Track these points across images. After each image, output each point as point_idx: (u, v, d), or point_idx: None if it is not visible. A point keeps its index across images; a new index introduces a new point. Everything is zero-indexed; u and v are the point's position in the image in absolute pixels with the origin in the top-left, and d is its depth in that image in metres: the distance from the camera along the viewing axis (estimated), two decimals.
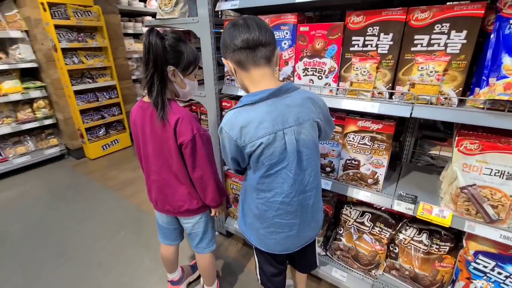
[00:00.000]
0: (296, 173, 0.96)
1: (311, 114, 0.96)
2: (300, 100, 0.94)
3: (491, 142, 1.08)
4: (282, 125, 0.90)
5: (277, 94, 0.91)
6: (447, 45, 1.08)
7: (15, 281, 1.78)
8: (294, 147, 0.93)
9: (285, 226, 1.04)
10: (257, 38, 0.88)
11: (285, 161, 0.94)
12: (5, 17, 2.99)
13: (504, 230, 1.11)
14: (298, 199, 1.01)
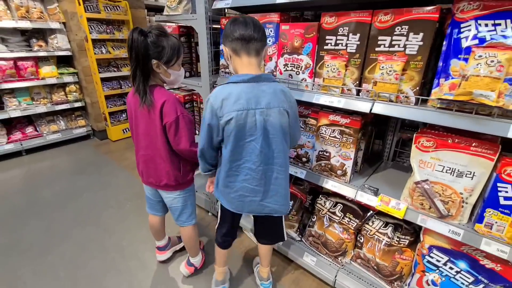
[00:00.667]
0: (262, 145, 1.15)
1: (281, 103, 1.14)
2: (274, 90, 1.13)
3: (444, 141, 1.14)
4: (255, 105, 1.10)
5: (256, 80, 1.12)
6: (406, 46, 1.15)
7: (37, 237, 2.11)
8: (262, 125, 1.11)
9: (252, 191, 1.23)
10: (251, 34, 1.11)
11: (254, 135, 1.13)
12: (47, 10, 3.40)
13: (453, 225, 1.17)
14: (263, 169, 1.19)
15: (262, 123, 1.11)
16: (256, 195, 1.24)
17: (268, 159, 1.18)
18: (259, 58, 1.16)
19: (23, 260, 1.88)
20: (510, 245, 1.05)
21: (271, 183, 1.23)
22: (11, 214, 2.36)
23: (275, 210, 1.28)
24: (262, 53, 1.17)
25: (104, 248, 1.99)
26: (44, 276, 1.76)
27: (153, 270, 1.83)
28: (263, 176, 1.20)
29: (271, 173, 1.21)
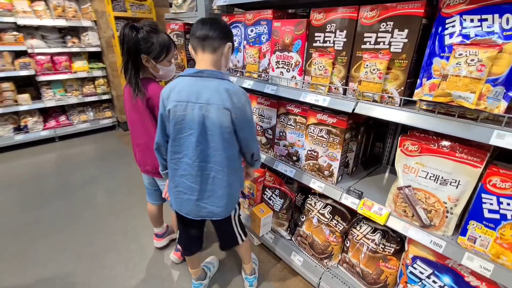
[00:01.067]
0: (198, 140, 1.14)
1: (222, 101, 1.09)
2: (217, 87, 1.11)
3: (428, 145, 1.07)
4: (195, 99, 1.11)
5: (199, 75, 1.13)
6: (391, 44, 1.09)
7: (55, 215, 2.34)
8: (200, 120, 1.11)
9: (188, 188, 1.22)
10: (206, 32, 1.14)
11: (192, 129, 1.14)
12: (81, 9, 3.70)
13: (435, 236, 1.09)
14: (199, 165, 1.18)
15: (201, 118, 1.11)
16: (193, 193, 1.23)
17: (205, 156, 1.17)
18: (216, 55, 1.17)
19: (40, 234, 2.10)
20: (495, 262, 0.96)
21: (208, 183, 1.22)
22: (39, 193, 2.64)
23: (212, 212, 1.26)
24: (221, 51, 1.18)
25: (109, 230, 2.15)
26: (55, 250, 1.95)
27: (149, 255, 1.94)
28: (199, 173, 1.19)
29: (209, 172, 1.20)
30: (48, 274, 1.77)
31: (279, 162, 1.69)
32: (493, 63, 0.82)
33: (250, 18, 1.61)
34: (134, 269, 1.81)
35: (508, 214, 0.91)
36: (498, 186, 0.91)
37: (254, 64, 1.66)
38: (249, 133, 1.23)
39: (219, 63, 1.21)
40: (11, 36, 3.24)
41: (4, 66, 3.26)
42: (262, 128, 1.78)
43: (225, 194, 1.23)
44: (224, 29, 1.18)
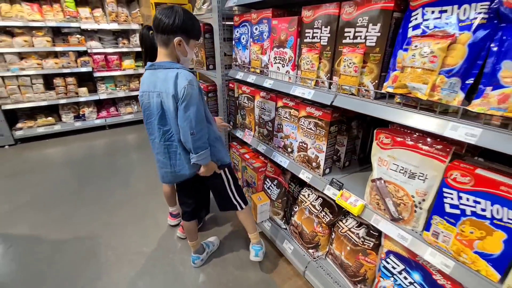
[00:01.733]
0: (160, 123, 1.35)
1: (168, 89, 1.25)
2: (167, 76, 1.26)
3: (400, 138, 1.07)
4: (153, 88, 1.30)
5: (153, 67, 1.31)
6: (366, 38, 1.11)
7: (95, 190, 2.77)
8: (159, 106, 1.31)
9: (163, 163, 1.46)
10: (155, 28, 1.28)
11: (154, 115, 1.34)
12: (131, 14, 4.22)
13: (402, 229, 1.09)
14: (165, 144, 1.40)
15: (159, 104, 1.30)
16: (166, 167, 1.46)
17: (169, 136, 1.37)
18: (169, 48, 1.30)
19: (81, 203, 2.53)
20: (455, 259, 0.94)
21: (176, 158, 1.43)
22: (88, 171, 3.13)
23: (185, 175, 1.46)
24: (171, 45, 1.28)
25: (134, 206, 2.48)
26: (90, 216, 2.33)
27: (162, 230, 2.19)
28: (166, 151, 1.41)
29: (175, 149, 1.40)
30: (81, 234, 2.13)
31: (276, 153, 1.79)
32: (447, 55, 0.82)
33: (254, 17, 1.73)
34: (147, 239, 2.08)
35: (468, 209, 0.88)
36: (458, 180, 0.89)
37: (257, 60, 1.78)
38: (183, 118, 1.26)
39: (174, 54, 1.33)
40: (75, 39, 3.86)
41: (69, 63, 3.91)
42: (264, 121, 1.89)
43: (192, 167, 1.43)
44: (173, 22, 1.23)
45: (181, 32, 1.28)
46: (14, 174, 3.07)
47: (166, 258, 1.91)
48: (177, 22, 1.24)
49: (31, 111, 4.03)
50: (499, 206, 0.81)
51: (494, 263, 0.85)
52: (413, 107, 0.99)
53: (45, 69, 3.78)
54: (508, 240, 0.81)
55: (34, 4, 3.57)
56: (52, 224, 2.24)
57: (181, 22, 1.25)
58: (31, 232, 2.16)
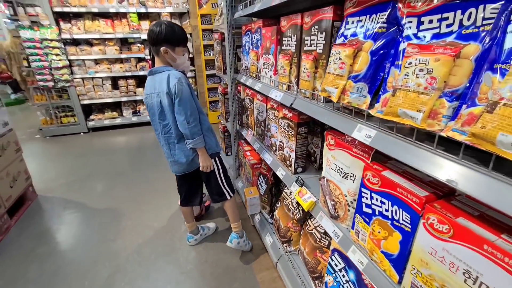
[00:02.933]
0: (160, 118, 1.62)
1: (163, 88, 1.51)
2: (161, 78, 1.52)
3: (339, 140, 1.14)
4: (153, 90, 1.57)
5: (152, 73, 1.59)
6: (317, 45, 1.20)
7: (133, 171, 3.32)
8: (158, 104, 1.57)
9: (167, 154, 1.74)
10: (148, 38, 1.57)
11: (156, 113, 1.61)
12: (182, 25, 4.82)
13: (337, 227, 1.14)
14: (165, 136, 1.67)
15: (158, 102, 1.56)
16: (169, 156, 1.73)
17: (168, 129, 1.63)
18: (160, 57, 1.57)
19: (121, 181, 3.07)
20: (369, 258, 0.97)
21: (174, 148, 1.68)
22: (136, 158, 3.75)
23: (184, 169, 1.73)
24: (160, 53, 1.54)
25: (157, 190, 2.91)
26: (123, 193, 2.84)
27: (173, 211, 2.54)
28: (167, 142, 1.68)
29: (173, 141, 1.66)
30: (111, 206, 2.63)
31: (265, 151, 1.93)
32: (354, 61, 0.89)
33: (253, 27, 1.92)
34: (158, 216, 2.45)
35: (377, 209, 0.92)
36: (371, 181, 0.93)
37: (253, 66, 1.97)
38: (178, 111, 1.53)
39: (165, 61, 1.59)
40: (136, 47, 4.62)
41: (131, 68, 4.68)
42: (259, 121, 2.05)
43: (187, 154, 1.68)
44: (157, 36, 1.49)
45: (165, 42, 1.52)
46: (83, 155, 3.88)
47: (169, 234, 2.23)
48: (160, 34, 1.49)
49: (101, 106, 4.96)
50: (397, 207, 0.84)
51: (394, 263, 0.87)
52: (350, 110, 1.05)
53: (113, 72, 4.62)
54: (402, 241, 0.83)
55: (108, 20, 4.42)
56: (97, 195, 2.81)
57: (163, 34, 1.49)
58: (81, 199, 2.75)
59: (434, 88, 0.63)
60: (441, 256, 0.70)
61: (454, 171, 0.61)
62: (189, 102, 1.54)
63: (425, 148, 0.68)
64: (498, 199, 0.52)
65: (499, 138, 0.49)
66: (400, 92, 0.68)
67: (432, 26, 0.68)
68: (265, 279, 1.81)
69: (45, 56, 4.09)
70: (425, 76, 0.63)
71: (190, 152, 1.69)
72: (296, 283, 1.55)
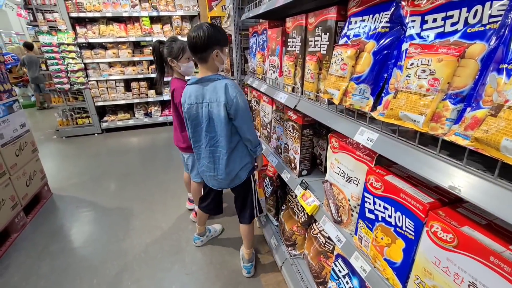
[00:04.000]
0: (207, 131, 1.49)
1: (219, 97, 1.39)
2: (214, 87, 1.41)
3: (343, 142, 1.11)
4: (201, 99, 1.45)
5: (200, 81, 1.45)
6: (321, 47, 1.18)
7: (144, 171, 3.38)
8: (207, 115, 1.45)
9: (207, 167, 1.61)
10: (193, 49, 1.40)
11: (202, 124, 1.49)
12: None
13: (340, 232, 1.12)
14: (210, 149, 1.54)
15: (207, 113, 1.44)
16: (210, 170, 1.61)
17: (214, 142, 1.51)
18: (209, 63, 1.42)
19: (131, 181, 3.14)
20: (372, 265, 0.94)
21: (219, 163, 1.56)
22: (147, 158, 3.83)
23: (227, 184, 1.62)
24: (212, 58, 1.41)
25: (166, 190, 2.94)
26: (133, 193, 2.89)
27: (181, 211, 2.56)
28: (211, 155, 1.56)
29: (219, 154, 1.53)
30: (122, 205, 2.68)
31: (271, 153, 1.92)
32: (356, 63, 0.86)
33: (259, 28, 1.92)
34: (166, 217, 2.48)
35: (379, 215, 0.89)
36: (374, 185, 0.90)
37: (260, 67, 1.96)
38: (243, 121, 1.44)
39: (214, 67, 1.46)
40: (148, 50, 4.71)
41: (143, 70, 4.79)
42: (265, 122, 2.04)
43: (230, 170, 1.56)
44: (206, 40, 1.34)
45: (215, 44, 1.39)
46: (96, 155, 3.99)
47: (175, 235, 2.25)
48: (210, 37, 1.34)
49: (114, 108, 5.09)
50: (400, 213, 0.81)
51: (398, 272, 0.84)
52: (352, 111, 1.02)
53: (126, 75, 4.74)
54: (406, 249, 0.80)
55: (121, 24, 4.54)
56: (108, 194, 2.88)
57: (213, 36, 1.35)
58: (93, 198, 2.82)
59: (437, 90, 0.60)
60: (445, 267, 0.66)
61: (458, 177, 0.57)
62: (249, 112, 1.49)
63: (428, 152, 0.65)
64: (503, 208, 0.48)
65: (503, 143, 0.46)
66: (402, 94, 0.65)
67: (436, 25, 0.65)
68: (270, 282, 1.79)
69: (62, 59, 4.24)
70: (427, 77, 0.61)
71: (241, 165, 1.59)
72: None
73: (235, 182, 1.63)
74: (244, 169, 1.62)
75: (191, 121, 1.52)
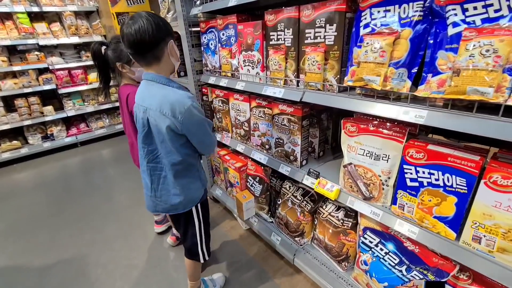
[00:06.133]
0: (145, 142, 1.20)
1: (162, 108, 1.08)
2: (158, 93, 1.11)
3: (363, 125, 1.19)
4: (141, 102, 1.16)
5: (148, 78, 1.15)
6: (325, 37, 1.22)
7: (76, 208, 2.69)
8: (145, 122, 1.15)
9: (146, 186, 1.31)
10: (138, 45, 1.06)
11: (141, 132, 1.19)
12: (92, 26, 4.09)
13: (374, 206, 1.21)
14: (148, 166, 1.24)
15: (144, 121, 1.14)
16: (149, 190, 1.30)
17: (154, 157, 1.21)
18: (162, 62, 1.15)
19: (63, 224, 2.45)
20: (419, 226, 1.07)
21: (159, 182, 1.25)
22: (65, 191, 3.03)
23: (166, 209, 1.30)
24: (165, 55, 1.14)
25: (119, 221, 2.45)
26: (75, 237, 2.27)
27: (151, 239, 2.20)
28: (150, 173, 1.25)
29: (160, 172, 1.23)
30: (68, 256, 2.08)
31: (255, 151, 1.86)
32: (393, 49, 0.94)
33: (220, 23, 1.79)
34: (137, 251, 2.08)
35: (424, 181, 1.02)
36: (414, 157, 1.03)
37: (227, 64, 1.85)
38: (200, 136, 1.20)
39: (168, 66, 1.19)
40: (34, 56, 3.68)
41: (30, 82, 3.72)
42: (240, 122, 1.96)
43: (177, 193, 1.26)
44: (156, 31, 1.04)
45: (167, 35, 1.11)
46: None
47: (158, 267, 1.93)
48: (159, 27, 1.05)
49: None
50: (449, 174, 0.95)
51: (450, 224, 0.99)
52: (371, 96, 1.11)
53: (4, 91, 3.57)
54: (458, 202, 0.95)
55: None
56: (34, 251, 2.16)
57: (163, 25, 1.08)
58: (12, 262, 2.06)
59: (500, 65, 0.73)
60: (507, 206, 0.83)
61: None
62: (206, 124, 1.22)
63: (489, 117, 0.79)
64: None
65: None
66: (468, 72, 0.76)
67: (477, 12, 0.79)
68: (282, 278, 1.78)
69: None
70: (491, 55, 0.73)
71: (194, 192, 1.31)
72: (322, 271, 1.59)
73: (174, 209, 1.31)
74: (188, 199, 1.30)
75: (136, 123, 1.23)
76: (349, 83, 1.10)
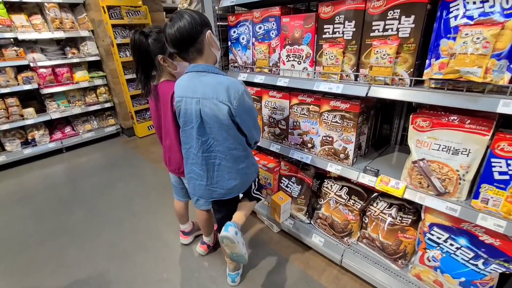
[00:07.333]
0: (199, 133, 1.23)
1: (218, 95, 1.14)
2: (212, 82, 1.16)
3: (439, 120, 1.17)
4: (192, 94, 1.18)
5: (196, 69, 1.19)
6: (399, 30, 1.18)
7: (79, 220, 2.41)
8: (197, 114, 1.19)
9: (198, 175, 1.34)
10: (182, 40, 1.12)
11: (192, 123, 1.22)
12: (78, 20, 3.73)
13: (450, 202, 1.20)
14: (203, 156, 1.28)
15: (197, 112, 1.18)
16: (202, 179, 1.34)
17: (208, 147, 1.25)
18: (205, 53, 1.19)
19: (67, 239, 2.17)
20: (507, 219, 1.07)
21: (214, 170, 1.31)
22: (58, 202, 2.70)
23: (222, 194, 1.36)
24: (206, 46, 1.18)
25: (133, 231, 2.23)
26: (85, 252, 2.02)
27: (176, 250, 2.02)
28: (204, 162, 1.29)
29: (214, 160, 1.28)
30: (82, 275, 1.84)
31: (294, 150, 1.79)
32: (496, 40, 0.92)
33: (257, 16, 1.69)
34: (164, 263, 1.90)
35: None
36: (506, 150, 1.02)
37: (264, 60, 1.75)
38: (251, 122, 1.27)
39: (211, 57, 1.23)
40: (12, 52, 3.26)
41: (8, 81, 3.29)
42: (275, 120, 1.87)
43: (232, 178, 1.31)
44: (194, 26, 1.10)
45: (205, 26, 1.15)
46: None
47: (193, 279, 1.77)
48: (196, 21, 1.10)
49: None
50: None
51: None
52: (450, 90, 1.09)
53: None
54: None
55: None
56: (41, 272, 1.88)
57: (199, 18, 1.12)
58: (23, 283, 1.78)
59: None
60: None
61: None
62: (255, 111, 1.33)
63: None
64: None
65: None
66: None
67: None
68: (329, 280, 1.72)
69: None
70: None
71: (248, 174, 1.36)
72: (376, 271, 1.55)
73: (229, 193, 1.37)
74: (243, 182, 1.37)
75: (180, 117, 1.28)
76: (436, 76, 1.07)
